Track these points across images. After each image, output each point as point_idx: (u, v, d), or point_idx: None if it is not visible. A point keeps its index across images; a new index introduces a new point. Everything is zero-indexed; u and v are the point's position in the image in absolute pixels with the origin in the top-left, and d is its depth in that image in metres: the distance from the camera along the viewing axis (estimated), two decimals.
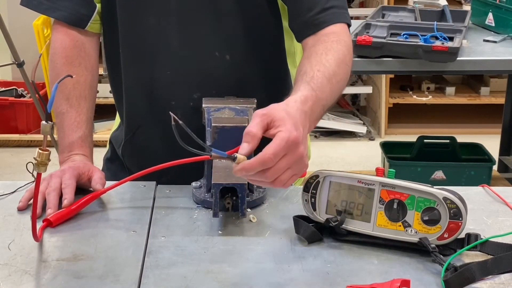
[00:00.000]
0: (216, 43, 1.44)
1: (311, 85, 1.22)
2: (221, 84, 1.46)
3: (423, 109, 4.84)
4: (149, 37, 1.45)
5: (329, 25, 1.37)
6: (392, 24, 2.66)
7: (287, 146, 1.07)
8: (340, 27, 1.38)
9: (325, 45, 1.33)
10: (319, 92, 1.22)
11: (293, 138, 1.08)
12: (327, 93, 1.25)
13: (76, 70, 1.47)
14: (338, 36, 1.35)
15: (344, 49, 1.34)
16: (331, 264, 1.15)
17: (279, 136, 1.07)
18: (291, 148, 1.08)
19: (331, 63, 1.29)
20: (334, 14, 1.38)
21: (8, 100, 4.37)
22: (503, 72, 4.00)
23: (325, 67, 1.27)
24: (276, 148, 1.06)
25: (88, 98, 1.48)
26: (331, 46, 1.33)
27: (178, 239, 1.22)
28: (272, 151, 1.06)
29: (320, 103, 1.22)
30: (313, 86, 1.22)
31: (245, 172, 1.07)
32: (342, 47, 1.33)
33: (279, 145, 1.06)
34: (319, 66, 1.27)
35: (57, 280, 1.09)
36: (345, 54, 1.33)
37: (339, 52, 1.32)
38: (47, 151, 1.09)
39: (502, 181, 3.51)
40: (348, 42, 1.37)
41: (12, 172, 3.94)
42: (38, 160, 1.10)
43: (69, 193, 1.30)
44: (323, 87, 1.23)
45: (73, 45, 1.48)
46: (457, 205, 1.14)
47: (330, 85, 1.26)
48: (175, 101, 1.47)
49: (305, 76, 1.25)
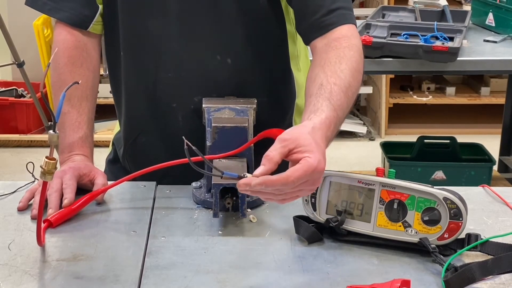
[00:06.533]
0: (218, 46, 1.44)
1: (332, 103, 1.20)
2: (222, 88, 1.45)
3: (423, 109, 4.84)
4: (150, 40, 1.44)
5: (336, 26, 1.35)
6: (392, 24, 2.66)
7: (312, 174, 1.07)
8: (348, 28, 1.36)
9: (337, 52, 1.31)
10: (339, 112, 1.21)
11: (320, 168, 1.08)
12: (345, 109, 1.24)
13: (78, 70, 1.47)
14: (349, 40, 1.33)
15: (357, 55, 1.32)
16: (331, 264, 1.15)
17: (308, 162, 1.06)
18: (314, 176, 1.08)
19: (346, 74, 1.27)
20: (341, 15, 1.36)
21: (8, 100, 4.37)
22: (503, 72, 4.00)
23: (341, 80, 1.25)
24: (302, 174, 1.06)
25: (90, 98, 1.48)
26: (344, 53, 1.30)
27: (178, 239, 1.22)
28: (298, 175, 1.05)
29: (339, 122, 1.21)
30: (334, 105, 1.20)
31: (264, 186, 1.06)
32: (354, 53, 1.31)
33: (306, 172, 1.06)
34: (335, 79, 1.25)
35: (57, 280, 1.09)
36: (358, 61, 1.31)
37: (352, 59, 1.30)
38: (54, 160, 1.09)
39: (502, 181, 3.51)
40: (359, 45, 1.34)
41: (12, 172, 3.94)
42: (45, 169, 1.10)
43: (69, 193, 1.30)
44: (342, 105, 1.22)
45: (75, 45, 1.48)
46: (457, 205, 1.14)
47: (347, 99, 1.24)
48: (176, 104, 1.47)
49: (323, 91, 1.23)
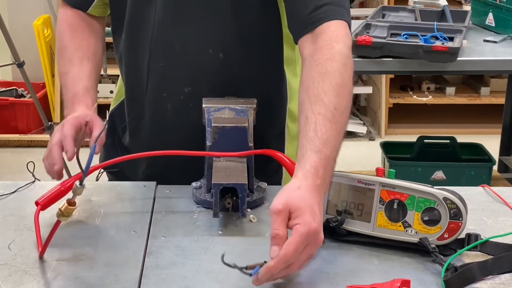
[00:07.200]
0: (210, 40, 1.44)
1: (316, 143, 1.16)
2: (213, 81, 1.46)
3: (423, 109, 4.84)
4: (145, 27, 1.46)
5: (323, 23, 1.32)
6: (392, 24, 2.66)
7: (307, 239, 1.06)
8: (335, 25, 1.32)
9: (319, 69, 1.26)
10: (327, 148, 1.16)
11: (312, 230, 1.07)
12: (335, 140, 1.19)
13: (79, 35, 1.52)
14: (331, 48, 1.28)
15: (339, 66, 1.26)
16: (331, 264, 1.15)
17: (298, 231, 1.06)
18: (311, 239, 1.07)
19: (330, 95, 1.22)
20: (329, 11, 1.33)
21: (8, 100, 4.37)
22: (503, 72, 4.00)
23: (325, 106, 1.21)
24: (296, 245, 1.05)
25: (91, 59, 1.51)
26: (326, 69, 1.26)
27: (178, 239, 1.22)
28: (293, 248, 1.05)
29: (331, 158, 1.17)
30: (319, 145, 1.16)
31: (270, 273, 1.05)
32: (337, 64, 1.26)
33: (299, 241, 1.05)
34: (319, 106, 1.21)
35: (57, 280, 1.09)
36: (342, 73, 1.26)
37: (335, 74, 1.25)
38: (73, 206, 1.14)
39: (502, 181, 3.51)
40: (342, 50, 1.29)
41: (12, 172, 3.94)
42: (62, 211, 1.14)
43: (68, 144, 1.30)
44: (329, 138, 1.18)
45: (77, 15, 1.54)
46: (457, 205, 1.14)
47: (335, 125, 1.20)
48: (166, 93, 1.48)
49: (308, 127, 1.19)
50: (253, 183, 1.35)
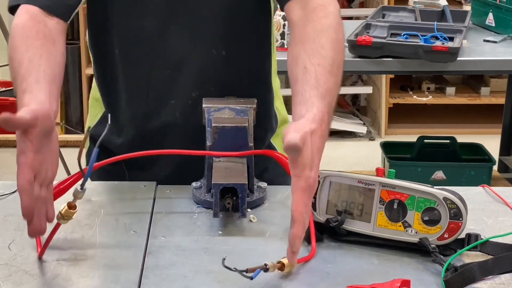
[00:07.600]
0: (212, 40, 1.44)
1: (320, 90, 1.18)
2: (219, 81, 1.46)
3: (423, 109, 4.85)
4: (146, 37, 1.44)
5: None
6: (392, 24, 2.67)
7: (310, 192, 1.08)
8: None
9: (314, 25, 1.29)
10: (329, 97, 1.18)
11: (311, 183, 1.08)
12: (335, 91, 1.21)
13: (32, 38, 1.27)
14: (324, 9, 1.31)
15: (334, 23, 1.29)
16: (331, 264, 1.15)
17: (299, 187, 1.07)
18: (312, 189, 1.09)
19: (327, 48, 1.25)
20: None
21: (8, 100, 4.37)
22: (503, 72, 4.01)
23: (324, 58, 1.23)
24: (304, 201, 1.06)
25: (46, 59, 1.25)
26: (321, 25, 1.28)
27: (178, 239, 1.22)
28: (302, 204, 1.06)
29: (331, 108, 1.19)
30: (322, 92, 1.18)
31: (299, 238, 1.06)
32: (331, 21, 1.29)
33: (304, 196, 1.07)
34: (318, 58, 1.23)
35: (57, 280, 1.09)
36: (337, 30, 1.29)
37: (330, 30, 1.28)
38: (74, 209, 1.13)
39: (502, 181, 3.52)
40: (335, 12, 1.31)
41: (12, 172, 3.90)
42: (63, 214, 1.13)
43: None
44: (330, 88, 1.20)
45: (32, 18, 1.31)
46: (457, 205, 1.14)
47: (334, 78, 1.22)
48: (174, 100, 1.47)
49: (308, 76, 1.21)
50: (253, 183, 1.35)
